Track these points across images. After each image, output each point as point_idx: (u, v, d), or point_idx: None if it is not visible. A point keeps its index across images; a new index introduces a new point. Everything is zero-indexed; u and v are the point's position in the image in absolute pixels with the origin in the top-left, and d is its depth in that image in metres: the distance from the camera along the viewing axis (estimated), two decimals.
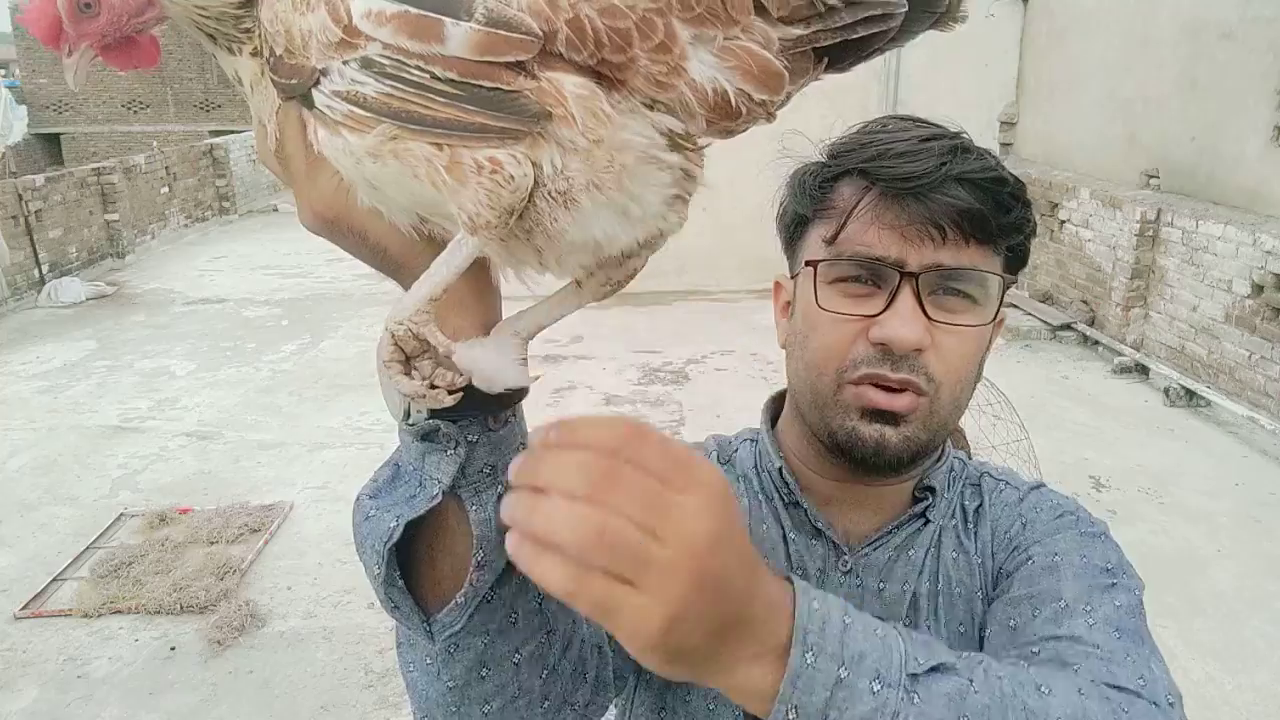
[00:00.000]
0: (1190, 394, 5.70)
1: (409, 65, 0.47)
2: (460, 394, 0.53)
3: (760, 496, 0.85)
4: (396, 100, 0.47)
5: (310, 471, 4.91)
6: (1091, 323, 6.95)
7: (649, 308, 8.28)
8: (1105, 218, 6.78)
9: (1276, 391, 5.12)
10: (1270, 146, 5.41)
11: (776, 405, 0.90)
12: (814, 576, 0.80)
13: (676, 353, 6.82)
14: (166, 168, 12.00)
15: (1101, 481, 4.65)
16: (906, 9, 0.47)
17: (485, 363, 0.52)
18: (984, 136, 8.71)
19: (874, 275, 0.74)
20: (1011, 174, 0.75)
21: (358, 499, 0.63)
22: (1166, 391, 5.82)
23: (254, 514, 4.36)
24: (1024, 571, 0.76)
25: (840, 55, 0.49)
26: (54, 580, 3.85)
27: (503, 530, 0.48)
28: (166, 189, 11.94)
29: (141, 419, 5.73)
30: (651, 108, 0.48)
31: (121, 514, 4.43)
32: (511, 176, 0.46)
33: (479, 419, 0.56)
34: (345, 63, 0.48)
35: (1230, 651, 3.28)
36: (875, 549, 0.81)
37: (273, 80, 0.52)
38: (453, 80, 0.46)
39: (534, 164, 0.47)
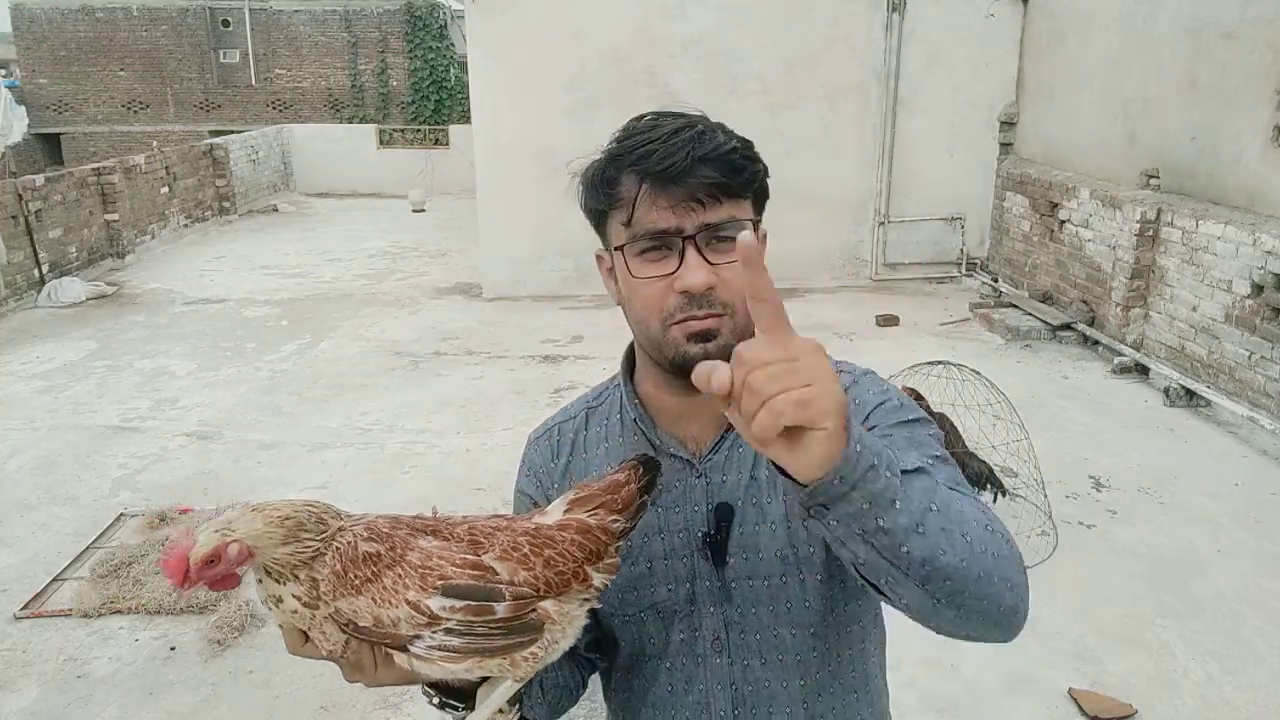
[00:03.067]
0: (1190, 394, 5.70)
1: (476, 625, 0.85)
2: None
3: (625, 433, 1.11)
4: (474, 644, 0.85)
5: (310, 471, 4.91)
6: (1091, 323, 6.95)
7: None
8: (1105, 218, 6.78)
9: (1276, 391, 5.12)
10: (1270, 146, 5.41)
11: (631, 356, 1.14)
12: (676, 485, 1.06)
13: None
14: (166, 168, 11.99)
15: (1101, 481, 4.65)
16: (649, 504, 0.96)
17: None
18: (984, 136, 8.75)
19: (665, 243, 0.98)
20: (740, 141, 1.01)
21: None
22: (1166, 391, 5.82)
23: None
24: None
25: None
26: (54, 580, 3.85)
27: None
28: (166, 189, 11.94)
29: (141, 419, 5.73)
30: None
31: (121, 514, 4.43)
32: (539, 656, 0.88)
33: None
34: (434, 632, 0.85)
35: (1230, 651, 3.28)
36: (714, 454, 1.06)
37: (354, 636, 0.87)
38: (500, 626, 0.86)
39: (543, 644, 0.88)
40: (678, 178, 0.95)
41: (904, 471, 0.78)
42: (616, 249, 1.02)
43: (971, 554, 0.79)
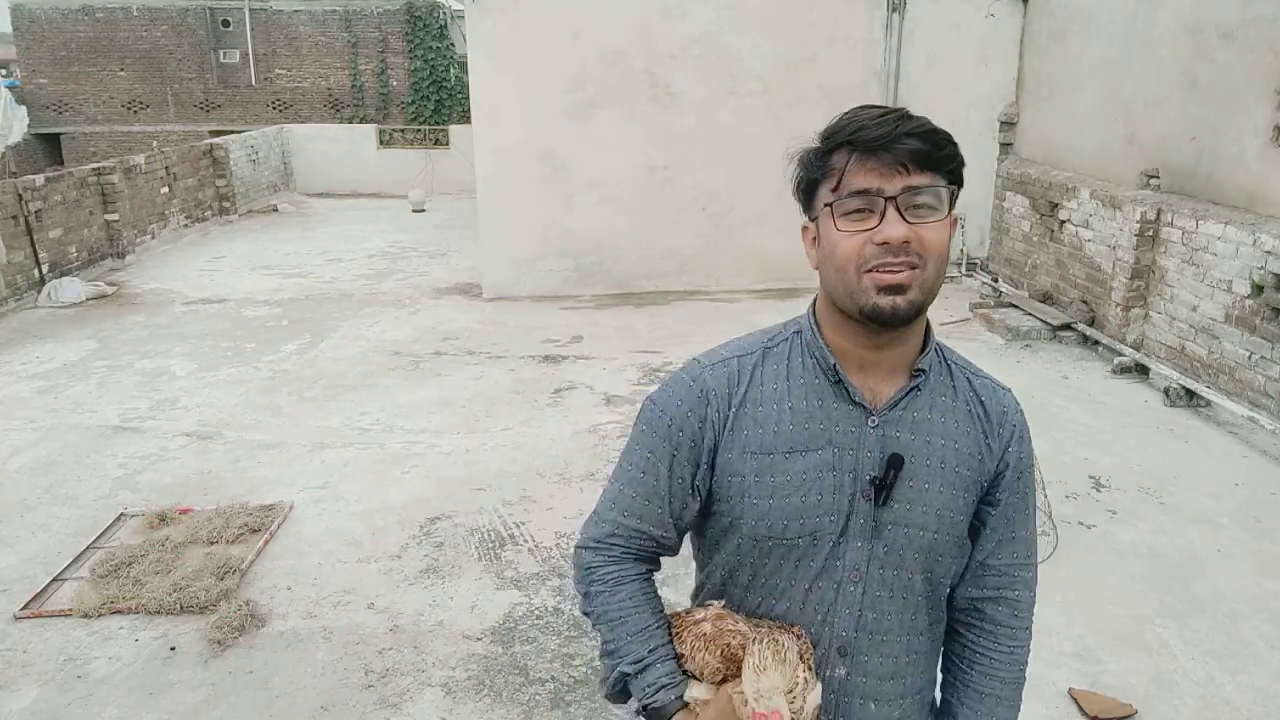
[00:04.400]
0: (1190, 394, 5.70)
1: None
2: None
3: (806, 375, 1.23)
4: None
5: (310, 471, 4.91)
6: (1091, 323, 6.95)
7: (649, 308, 8.28)
8: (1105, 218, 6.78)
9: (1276, 391, 5.12)
10: (1270, 146, 5.41)
11: (812, 310, 1.27)
12: (852, 430, 1.19)
13: (676, 353, 6.82)
14: (166, 168, 11.99)
15: (1101, 481, 4.65)
16: None
17: None
18: (984, 136, 8.75)
19: (868, 205, 1.11)
20: (942, 128, 1.14)
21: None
22: (1166, 391, 5.82)
23: (254, 514, 4.35)
24: (1015, 490, 1.28)
25: None
26: (54, 580, 3.84)
27: None
28: (166, 189, 11.94)
29: (141, 419, 5.73)
30: None
31: (121, 514, 4.43)
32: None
33: None
34: None
35: (1230, 651, 3.28)
36: (893, 410, 1.20)
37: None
38: None
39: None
40: (886, 145, 1.10)
41: None
42: (825, 205, 1.16)
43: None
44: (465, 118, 15.31)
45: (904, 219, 1.10)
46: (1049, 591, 3.67)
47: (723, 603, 1.26)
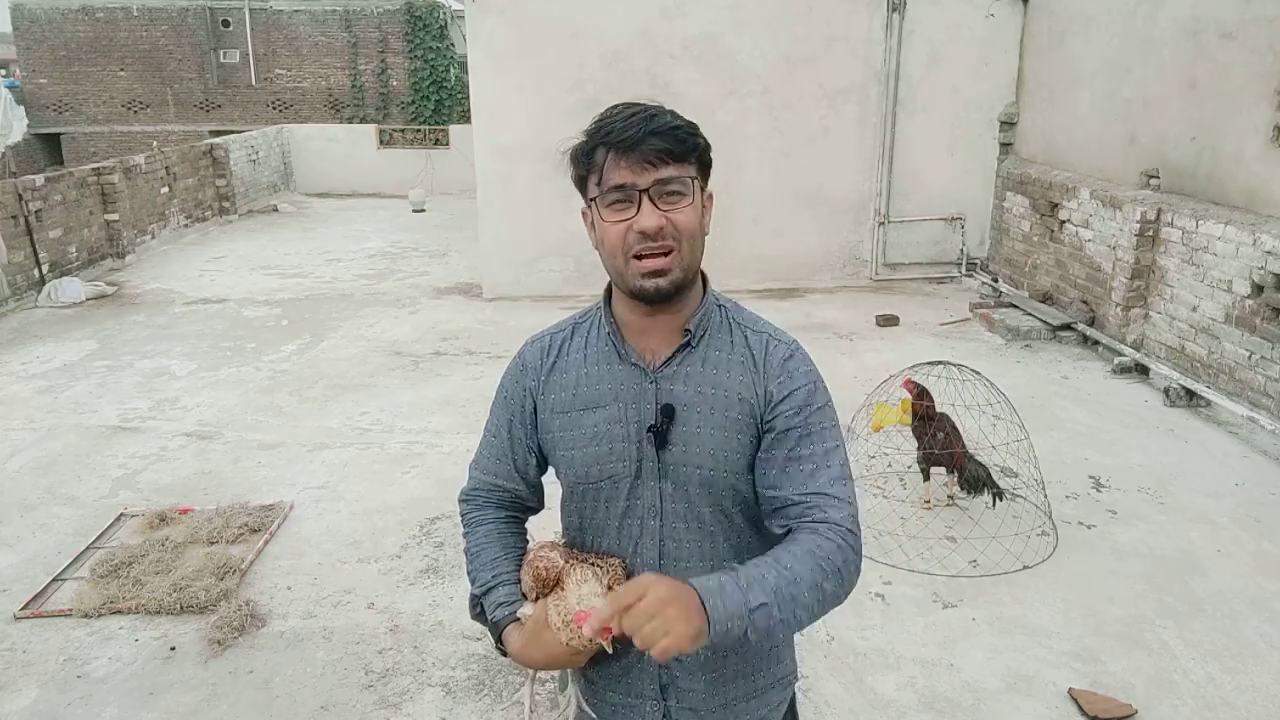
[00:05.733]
0: (1190, 394, 5.70)
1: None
2: None
3: (599, 346, 1.42)
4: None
5: (310, 471, 4.91)
6: (1091, 323, 6.95)
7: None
8: (1105, 218, 6.78)
9: (1276, 391, 5.12)
10: (1270, 146, 5.41)
11: (606, 288, 1.46)
12: (634, 386, 1.38)
13: None
14: (166, 168, 11.99)
15: (1101, 481, 4.65)
16: None
17: None
18: (984, 136, 8.76)
19: (626, 197, 1.28)
20: (685, 121, 1.30)
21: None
22: (1166, 391, 5.82)
23: (254, 514, 4.35)
24: (788, 422, 1.35)
25: None
26: (54, 580, 3.84)
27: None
28: (166, 189, 11.94)
29: (141, 419, 5.73)
30: None
31: (121, 514, 4.43)
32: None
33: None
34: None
35: (1230, 651, 3.28)
36: (666, 368, 1.37)
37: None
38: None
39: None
40: (634, 145, 1.26)
41: (751, 610, 1.15)
42: (591, 200, 1.34)
43: (811, 613, 1.22)
44: (465, 118, 15.33)
45: (657, 207, 1.27)
46: (1049, 591, 3.67)
47: (565, 540, 1.49)
